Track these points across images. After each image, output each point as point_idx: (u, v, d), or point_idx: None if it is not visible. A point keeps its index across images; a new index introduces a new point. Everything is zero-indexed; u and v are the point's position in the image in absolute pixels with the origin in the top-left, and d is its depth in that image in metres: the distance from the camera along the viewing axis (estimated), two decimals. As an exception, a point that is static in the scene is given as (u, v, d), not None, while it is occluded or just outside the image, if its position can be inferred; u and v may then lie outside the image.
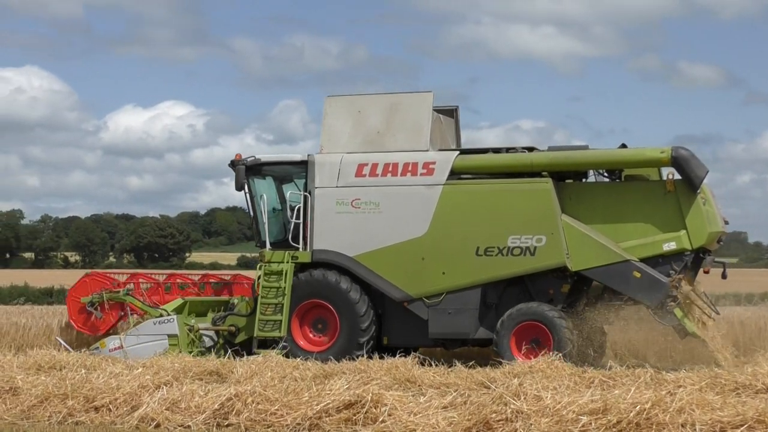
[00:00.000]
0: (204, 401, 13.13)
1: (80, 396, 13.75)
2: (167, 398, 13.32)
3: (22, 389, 14.18)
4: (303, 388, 13.46)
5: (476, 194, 19.96)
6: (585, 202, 19.79)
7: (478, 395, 13.02)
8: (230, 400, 13.04)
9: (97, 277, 21.52)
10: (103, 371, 15.60)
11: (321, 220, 20.60)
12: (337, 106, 21.16)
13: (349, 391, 12.84)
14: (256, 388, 13.26)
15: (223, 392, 13.29)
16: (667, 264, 19.16)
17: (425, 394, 13.51)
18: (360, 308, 20.20)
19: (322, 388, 13.25)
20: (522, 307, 19.44)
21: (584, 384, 14.46)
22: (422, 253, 20.01)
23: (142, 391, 13.87)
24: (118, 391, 13.82)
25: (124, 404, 13.57)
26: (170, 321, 20.38)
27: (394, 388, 14.21)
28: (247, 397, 13.01)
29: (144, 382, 14.19)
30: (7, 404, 13.79)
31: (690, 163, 19.05)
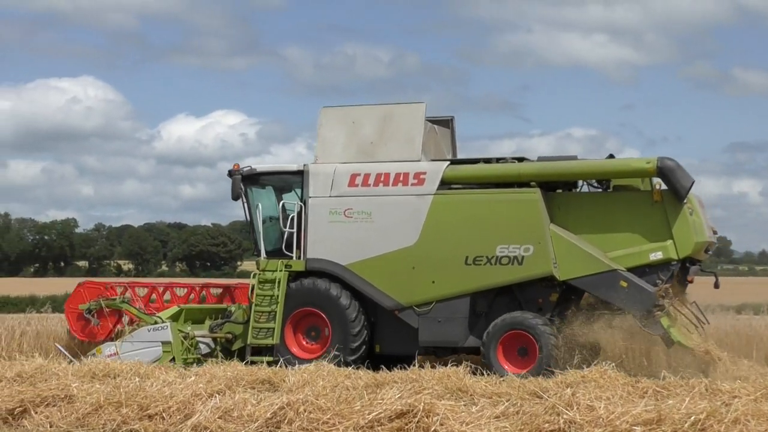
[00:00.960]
0: (256, 410, 13.14)
1: (134, 404, 13.82)
2: (220, 407, 13.35)
3: (77, 397, 14.28)
4: (355, 397, 13.43)
5: (465, 204, 20.28)
6: (574, 212, 20.03)
7: (530, 405, 12.95)
8: (282, 408, 13.04)
9: (91, 285, 21.99)
10: (156, 379, 15.72)
11: (315, 229, 20.99)
12: (332, 116, 21.55)
13: (401, 400, 12.81)
14: (308, 397, 13.25)
15: (275, 401, 13.28)
16: (654, 274, 19.32)
17: (477, 403, 13.49)
18: (351, 316, 20.54)
19: (374, 397, 13.23)
20: (508, 316, 19.71)
21: (637, 394, 14.36)
22: (413, 262, 20.34)
23: (195, 399, 13.93)
24: (171, 400, 13.87)
25: (178, 412, 13.62)
26: (164, 328, 20.81)
27: (446, 397, 14.18)
28: (299, 406, 13.01)
29: (197, 391, 14.27)
30: (63, 412, 13.90)
31: (675, 174, 19.21)
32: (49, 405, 14.21)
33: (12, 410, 14.09)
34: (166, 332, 20.77)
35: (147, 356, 20.14)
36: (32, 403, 14.14)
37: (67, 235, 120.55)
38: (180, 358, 20.48)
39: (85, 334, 21.50)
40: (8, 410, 14.06)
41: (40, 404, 14.20)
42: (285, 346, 20.78)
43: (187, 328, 21.49)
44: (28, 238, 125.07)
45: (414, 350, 20.24)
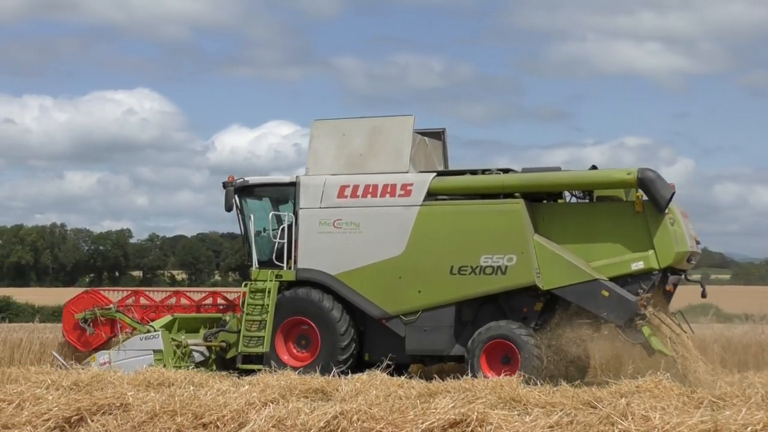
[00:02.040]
0: (310, 419, 13.12)
1: (189, 413, 13.84)
2: (273, 416, 13.34)
3: (132, 405, 14.35)
4: (408, 407, 13.39)
5: (450, 215, 20.65)
6: (557, 222, 20.32)
7: (584, 415, 12.84)
8: (336, 418, 13.01)
9: (94, 294, 22.49)
10: (210, 388, 15.81)
11: (305, 239, 21.43)
12: (323, 129, 22.00)
13: (455, 409, 12.74)
14: (361, 406, 13.21)
15: (328, 410, 13.25)
16: (636, 283, 19.60)
17: (531, 413, 13.36)
18: (339, 325, 20.96)
19: (427, 407, 13.17)
20: (492, 325, 20.05)
21: (693, 404, 14.18)
22: (399, 272, 20.75)
23: (248, 408, 13.94)
24: (225, 408, 13.89)
25: (232, 421, 13.64)
26: (155, 337, 21.33)
27: (499, 407, 14.10)
28: (352, 415, 12.98)
29: (251, 399, 14.29)
30: (118, 420, 13.97)
31: (655, 184, 19.49)
32: (105, 413, 14.30)
33: (69, 418, 14.19)
34: (158, 341, 21.28)
35: (139, 364, 20.47)
36: (89, 411, 14.23)
37: (121, 245, 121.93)
38: (171, 366, 20.77)
39: (80, 343, 22.02)
40: (65, 418, 14.16)
41: (96, 412, 14.29)
42: (276, 354, 21.24)
43: (181, 336, 21.96)
44: (84, 248, 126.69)
45: (402, 358, 20.78)
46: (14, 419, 14.33)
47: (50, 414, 14.24)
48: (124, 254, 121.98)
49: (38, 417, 14.23)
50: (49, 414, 14.24)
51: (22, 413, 14.44)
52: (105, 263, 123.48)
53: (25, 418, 14.27)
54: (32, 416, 14.28)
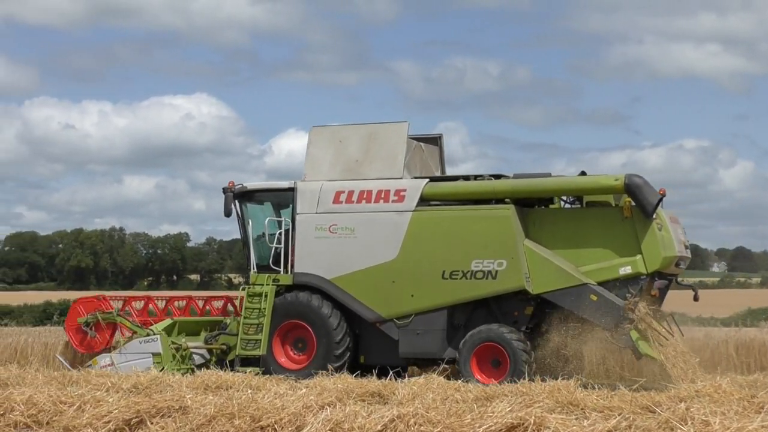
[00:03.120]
0: (367, 422, 13.10)
1: (246, 415, 13.89)
2: (331, 419, 13.34)
3: (191, 408, 14.42)
4: (465, 410, 13.36)
5: (442, 220, 20.96)
6: (548, 227, 20.58)
7: (643, 419, 12.72)
8: (393, 421, 12.99)
9: (87, 300, 23.00)
10: (268, 391, 15.84)
11: (302, 244, 21.78)
12: (320, 136, 22.38)
13: (512, 413, 12.68)
14: (418, 410, 13.19)
15: (385, 413, 13.23)
16: (624, 288, 19.81)
17: (588, 417, 13.24)
18: (334, 328, 21.29)
19: (484, 411, 13.12)
20: (482, 328, 20.34)
21: (753, 409, 14.00)
22: (393, 276, 21.05)
23: (306, 411, 13.96)
24: (282, 411, 13.92)
25: (289, 424, 13.67)
26: (154, 340, 21.85)
27: (557, 411, 13.99)
28: (409, 419, 12.97)
29: (308, 403, 14.30)
30: (177, 423, 14.04)
31: (642, 190, 19.68)
32: (164, 416, 14.37)
33: (129, 421, 14.30)
34: (157, 344, 21.79)
35: (139, 366, 20.93)
36: (148, 414, 14.33)
37: (179, 249, 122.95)
38: (170, 368, 21.23)
39: (84, 346, 22.53)
40: (125, 421, 14.28)
41: (156, 415, 14.37)
42: (273, 357, 21.63)
43: (182, 339, 22.40)
44: (142, 252, 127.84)
45: (397, 361, 20.98)
46: (75, 421, 14.49)
47: (110, 416, 14.37)
48: (181, 258, 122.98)
49: (98, 419, 14.38)
50: (109, 416, 14.38)
51: (82, 415, 14.59)
52: (163, 267, 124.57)
53: (86, 420, 14.42)
54: (93, 418, 14.43)
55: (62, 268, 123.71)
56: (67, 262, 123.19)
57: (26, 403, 15.12)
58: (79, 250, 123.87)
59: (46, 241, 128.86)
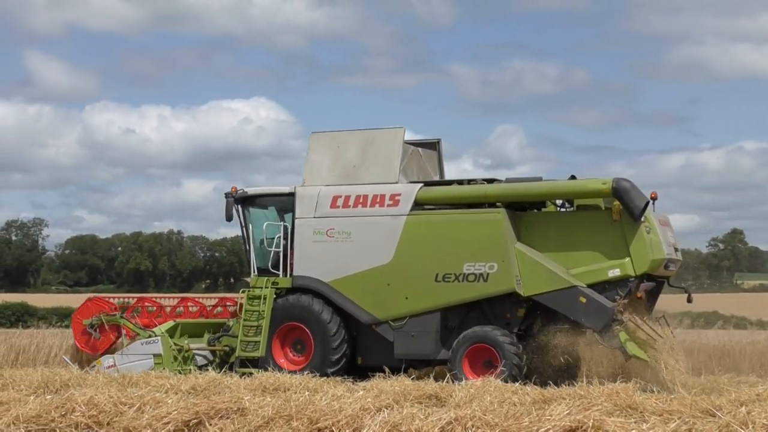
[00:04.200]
0: (424, 425, 13.07)
1: (304, 417, 13.91)
2: (388, 421, 13.32)
3: (248, 410, 14.49)
4: (523, 413, 13.26)
5: (435, 224, 21.35)
6: (539, 230, 20.93)
7: (703, 423, 12.58)
8: (450, 424, 12.96)
9: (97, 301, 23.65)
10: (325, 393, 15.85)
11: (300, 248, 22.28)
12: (319, 141, 22.86)
13: (570, 416, 12.59)
14: (475, 412, 13.15)
15: (443, 416, 13.19)
16: (613, 290, 20.14)
17: (648, 421, 13.12)
18: (331, 330, 21.73)
19: (542, 414, 13.03)
20: (475, 330, 20.75)
21: (817, 412, 13.82)
22: (388, 279, 21.48)
23: (363, 413, 13.95)
24: (340, 414, 13.92)
25: (347, 426, 13.68)
26: (155, 342, 22.37)
27: (615, 414, 13.82)
28: (467, 421, 12.93)
29: (365, 405, 14.28)
30: (235, 424, 14.09)
31: (630, 194, 20.01)
32: (222, 417, 14.43)
33: (188, 422, 14.38)
34: (158, 345, 22.32)
35: (140, 368, 21.48)
36: (207, 416, 14.39)
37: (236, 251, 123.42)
38: (171, 369, 21.73)
39: (88, 347, 23.17)
40: (184, 422, 14.36)
41: (214, 416, 14.44)
42: (272, 358, 22.10)
43: (184, 341, 22.92)
44: (200, 255, 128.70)
45: (393, 362, 21.30)
46: (135, 422, 14.60)
47: (169, 417, 14.46)
48: (239, 261, 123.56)
49: (158, 420, 14.47)
50: (169, 417, 14.46)
51: (142, 417, 14.69)
52: (220, 270, 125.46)
53: (146, 421, 14.52)
54: (152, 420, 14.52)
55: (121, 270, 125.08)
56: (126, 264, 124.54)
57: (87, 404, 15.26)
58: (137, 253, 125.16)
59: (106, 244, 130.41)
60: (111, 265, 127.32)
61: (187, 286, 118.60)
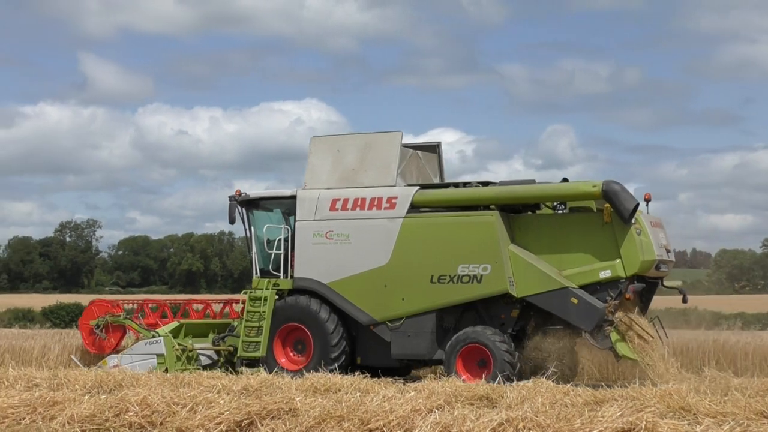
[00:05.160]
0: (475, 426, 13.05)
1: (355, 418, 13.96)
2: (439, 422, 13.33)
3: (300, 410, 14.58)
4: (574, 414, 13.21)
5: (430, 226, 21.73)
6: (533, 232, 21.27)
7: (757, 425, 12.51)
8: (502, 425, 12.91)
9: (101, 303, 24.32)
10: (376, 394, 15.90)
11: (301, 250, 22.73)
12: (320, 145, 23.27)
13: (622, 418, 12.52)
14: (527, 414, 13.10)
15: (494, 417, 13.16)
16: (604, 291, 20.45)
17: (701, 423, 13.05)
18: (330, 331, 22.17)
19: (594, 415, 12.97)
20: (468, 330, 21.09)
21: None
22: (385, 280, 21.88)
23: (414, 414, 13.98)
24: (391, 414, 13.96)
25: (398, 427, 13.71)
26: (158, 342, 22.84)
27: (668, 416, 13.79)
28: (518, 423, 12.89)
29: (416, 406, 14.32)
30: (287, 425, 14.16)
31: (619, 197, 20.27)
32: (274, 418, 14.52)
33: (240, 422, 14.49)
34: (160, 345, 22.78)
35: (144, 367, 22.03)
36: (258, 416, 14.49)
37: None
38: (174, 368, 22.21)
39: (95, 347, 23.76)
40: (236, 422, 14.47)
41: (266, 417, 14.53)
42: (273, 358, 22.57)
43: (189, 341, 23.38)
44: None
45: (391, 362, 21.85)
46: (188, 422, 14.72)
47: (222, 418, 14.57)
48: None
49: (210, 420, 14.59)
50: (221, 418, 14.58)
51: (195, 417, 14.81)
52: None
53: (198, 421, 14.65)
54: (205, 420, 14.64)
55: (173, 271, 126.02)
56: (178, 265, 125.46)
57: (140, 404, 15.40)
58: (189, 254, 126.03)
59: (158, 245, 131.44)
60: (163, 266, 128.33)
61: (238, 287, 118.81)
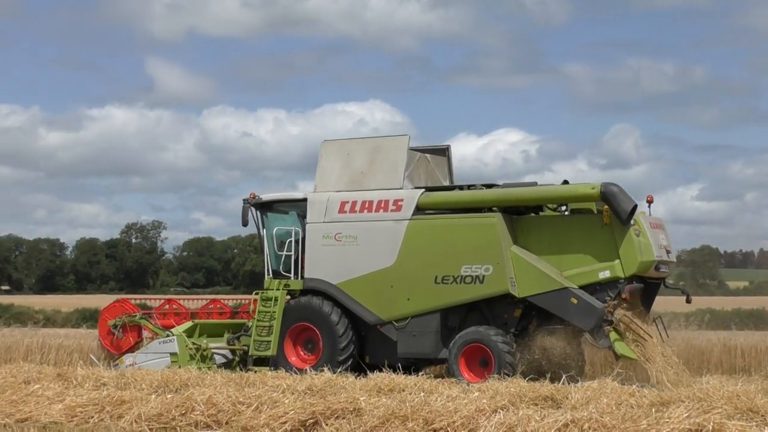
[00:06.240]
0: (540, 426, 13.02)
1: (419, 418, 13.99)
2: (504, 422, 13.32)
3: (364, 410, 14.63)
4: (640, 416, 13.12)
5: (435, 228, 22.21)
6: (534, 234, 21.68)
7: (826, 427, 12.35)
8: (567, 426, 12.87)
9: (123, 303, 25.09)
10: (440, 394, 15.93)
11: (311, 251, 23.29)
12: (330, 149, 23.85)
13: (689, 419, 12.43)
14: (592, 414, 13.07)
15: (559, 418, 13.12)
16: (604, 291, 20.78)
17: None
18: (339, 330, 22.66)
19: (660, 416, 12.88)
20: (470, 330, 21.53)
21: None
22: (391, 281, 22.40)
23: (478, 414, 13.98)
24: (455, 414, 13.98)
25: (462, 427, 13.72)
26: (171, 341, 23.50)
27: (736, 417, 13.62)
28: (583, 423, 12.84)
29: (480, 406, 14.31)
30: (351, 425, 14.23)
31: (617, 198, 20.61)
32: (338, 417, 14.60)
33: (304, 422, 14.59)
34: (173, 344, 23.43)
35: (158, 365, 22.51)
36: (323, 416, 14.59)
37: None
38: (186, 366, 22.44)
39: (113, 346, 24.49)
40: (301, 422, 14.58)
41: (330, 416, 14.62)
42: (284, 356, 23.12)
43: (203, 340, 24.06)
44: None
45: (395, 361, 21.96)
46: (253, 422, 14.88)
47: (286, 417, 14.71)
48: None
49: (275, 420, 14.73)
50: (286, 417, 14.72)
51: (260, 416, 14.97)
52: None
53: (263, 420, 14.79)
54: (270, 419, 14.79)
55: (237, 272, 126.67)
56: (241, 266, 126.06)
57: (206, 403, 15.62)
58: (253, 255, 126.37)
59: (222, 246, 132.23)
60: (227, 267, 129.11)
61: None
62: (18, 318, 42.45)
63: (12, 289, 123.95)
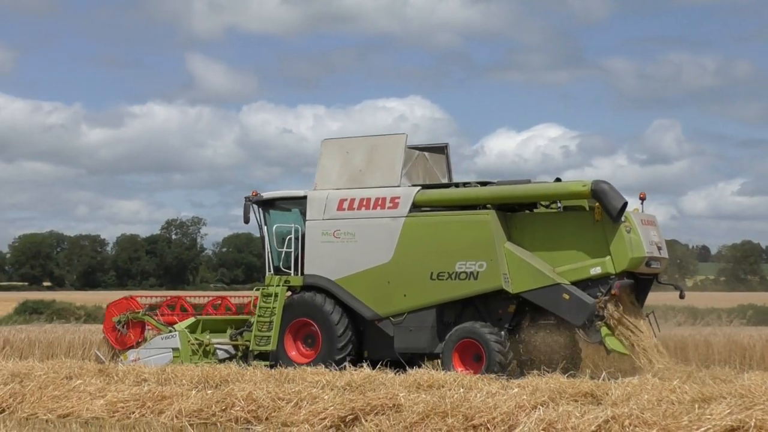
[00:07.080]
0: (580, 422, 12.97)
1: (459, 414, 13.99)
2: (543, 419, 13.28)
3: (404, 406, 14.63)
4: (681, 412, 13.04)
5: (430, 225, 22.51)
6: (528, 230, 21.93)
7: None
8: (607, 422, 12.82)
9: (130, 300, 25.41)
10: (480, 390, 15.90)
11: (310, 248, 23.62)
12: (330, 147, 24.25)
13: (731, 416, 12.33)
14: (633, 411, 13.00)
15: (599, 414, 13.07)
16: (595, 287, 21.01)
17: (812, 421, 12.79)
18: (337, 326, 22.95)
19: (701, 413, 12.81)
20: (464, 325, 21.80)
21: None
22: (388, 277, 22.68)
23: (518, 411, 13.95)
24: (495, 411, 13.96)
25: (501, 423, 13.70)
26: (173, 336, 23.88)
27: (778, 413, 13.53)
28: (624, 420, 12.78)
29: (520, 402, 14.28)
30: (391, 420, 14.24)
31: (607, 196, 20.83)
32: (378, 413, 14.62)
33: (344, 418, 14.64)
34: (175, 340, 23.82)
35: (161, 361, 23.00)
36: (362, 411, 14.62)
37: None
38: (189, 362, 22.99)
39: (118, 342, 24.89)
40: (340, 417, 14.63)
41: (370, 412, 14.65)
42: (284, 351, 23.43)
43: (206, 336, 24.41)
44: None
45: (393, 356, 22.51)
46: (293, 417, 14.96)
47: (326, 413, 14.78)
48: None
49: (315, 416, 14.80)
50: (325, 413, 14.79)
51: (299, 412, 15.04)
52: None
53: (303, 416, 14.87)
54: (309, 415, 14.86)
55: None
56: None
57: (246, 399, 15.76)
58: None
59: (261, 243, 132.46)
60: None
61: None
62: (60, 314, 42.81)
63: (54, 285, 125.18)
